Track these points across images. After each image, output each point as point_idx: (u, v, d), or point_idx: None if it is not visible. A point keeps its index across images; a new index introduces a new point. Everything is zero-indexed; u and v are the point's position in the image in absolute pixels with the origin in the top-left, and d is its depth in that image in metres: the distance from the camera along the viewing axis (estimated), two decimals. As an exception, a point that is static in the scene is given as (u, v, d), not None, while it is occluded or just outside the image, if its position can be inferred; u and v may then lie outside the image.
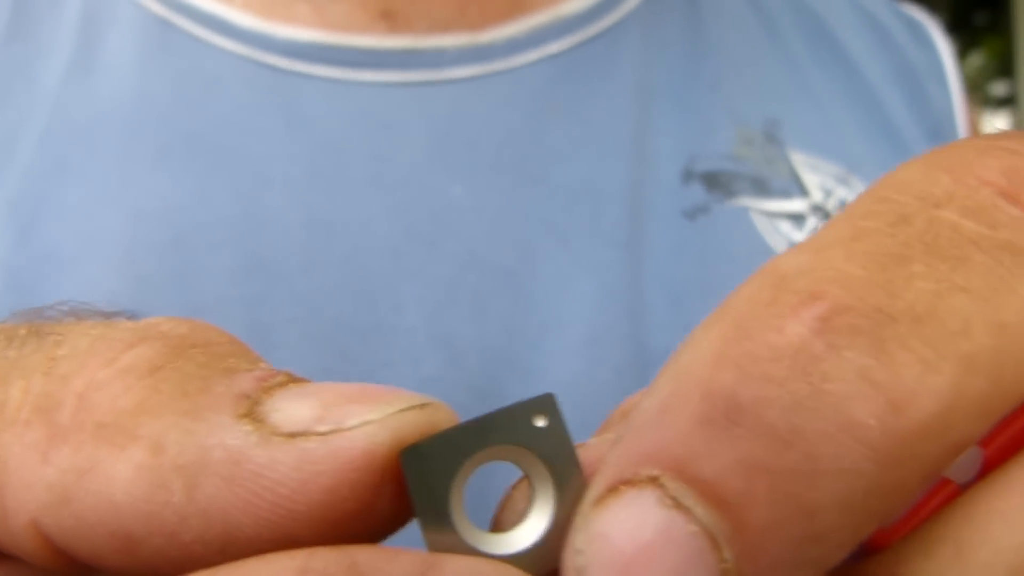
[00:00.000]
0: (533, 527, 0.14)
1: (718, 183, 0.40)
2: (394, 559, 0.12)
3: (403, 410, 0.13)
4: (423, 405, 0.13)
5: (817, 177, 0.42)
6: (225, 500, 0.13)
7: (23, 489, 0.13)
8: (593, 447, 0.14)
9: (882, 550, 0.13)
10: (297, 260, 0.35)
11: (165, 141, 0.37)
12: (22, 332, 0.16)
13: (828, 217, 0.40)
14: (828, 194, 0.42)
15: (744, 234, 0.39)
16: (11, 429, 0.14)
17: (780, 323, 0.12)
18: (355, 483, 0.13)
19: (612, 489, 0.12)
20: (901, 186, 0.14)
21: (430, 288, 0.35)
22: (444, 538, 0.13)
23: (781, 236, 0.40)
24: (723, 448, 0.11)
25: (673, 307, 0.37)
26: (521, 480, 0.14)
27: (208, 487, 0.13)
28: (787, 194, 0.41)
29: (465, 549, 0.13)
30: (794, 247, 0.13)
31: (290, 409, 0.13)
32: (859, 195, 0.14)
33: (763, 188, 0.41)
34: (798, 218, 0.40)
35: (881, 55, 0.48)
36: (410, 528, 0.13)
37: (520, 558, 0.13)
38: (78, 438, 0.13)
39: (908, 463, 0.11)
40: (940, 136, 0.47)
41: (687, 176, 0.40)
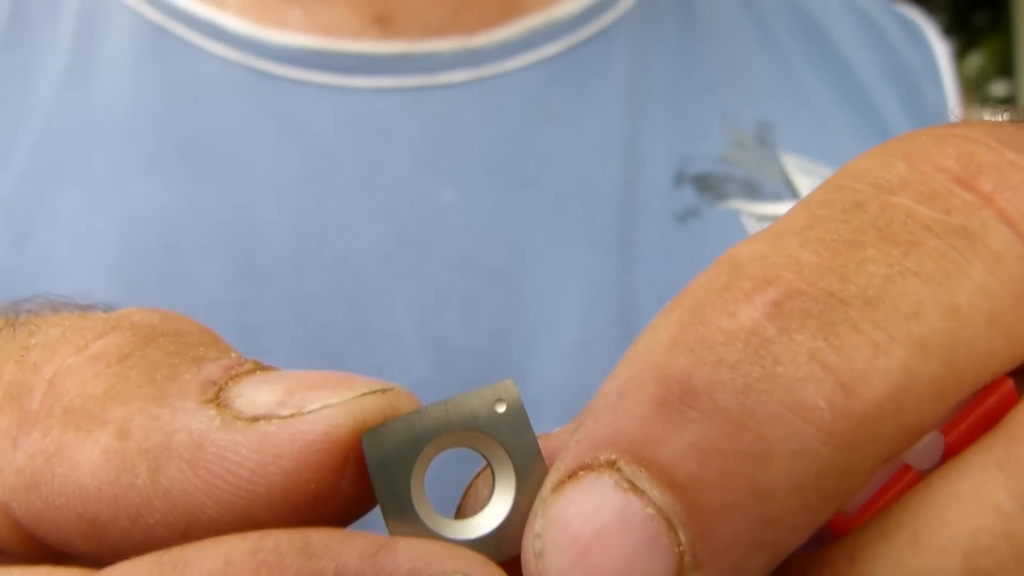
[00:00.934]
0: (494, 513, 0.14)
1: (709, 186, 0.40)
2: (347, 539, 0.12)
3: (364, 394, 0.13)
4: (384, 390, 0.14)
5: (809, 180, 0.42)
6: (188, 482, 0.13)
7: None
8: (556, 436, 0.14)
9: (843, 536, 0.13)
10: (288, 265, 0.35)
11: (159, 147, 0.38)
12: None
13: None
14: None
15: (735, 237, 0.39)
16: None
17: (734, 308, 0.12)
18: (316, 465, 0.13)
19: (571, 474, 0.12)
20: (857, 174, 0.14)
21: (421, 292, 0.36)
22: (405, 523, 0.13)
23: None
24: (678, 431, 0.12)
25: None
26: (484, 468, 0.14)
27: (172, 470, 0.13)
28: (778, 197, 0.41)
29: (426, 534, 0.13)
30: (751, 236, 0.14)
31: (254, 395, 0.13)
32: (816, 188, 0.14)
33: (754, 191, 0.41)
34: None
35: (875, 55, 0.48)
36: (377, 521, 0.14)
37: (481, 543, 0.13)
38: (47, 423, 0.14)
39: (861, 445, 0.12)
40: None
41: (679, 179, 0.40)
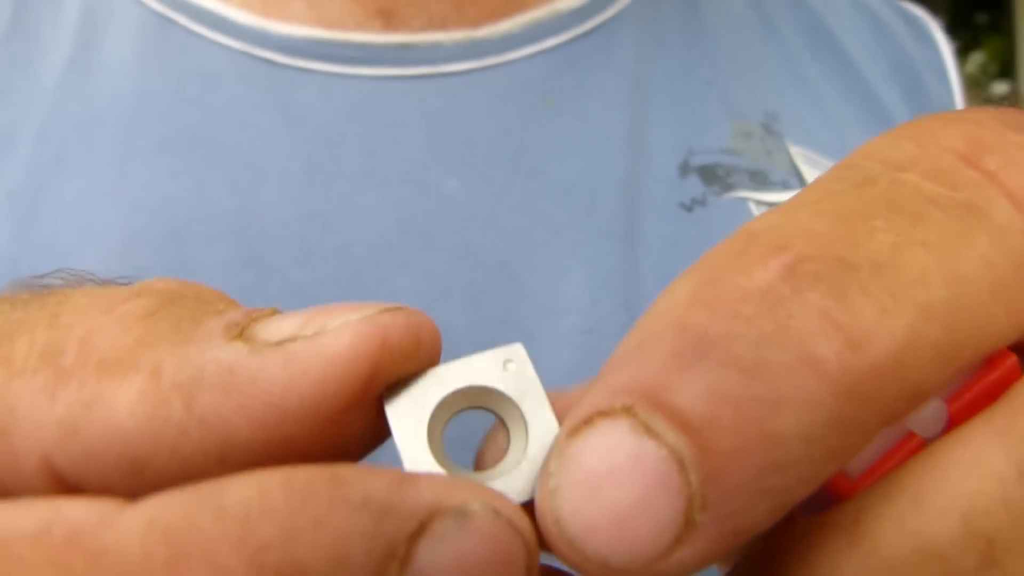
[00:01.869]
0: (509, 464, 0.14)
1: (715, 176, 0.40)
2: (373, 471, 0.12)
3: (383, 311, 0.14)
4: (400, 308, 0.14)
5: (814, 170, 0.42)
6: (222, 407, 0.14)
7: (34, 429, 0.14)
8: (568, 394, 0.15)
9: (848, 499, 0.13)
10: (292, 252, 0.35)
11: (163, 136, 0.38)
12: (25, 296, 0.17)
13: None
14: None
15: (743, 223, 0.39)
16: (19, 378, 0.15)
17: (750, 269, 0.13)
18: (342, 377, 0.14)
19: (588, 420, 0.12)
20: (868, 153, 0.15)
21: (424, 280, 0.36)
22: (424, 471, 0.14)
23: None
24: (693, 378, 0.12)
25: None
26: (497, 424, 0.15)
27: (205, 398, 0.14)
28: (786, 185, 0.41)
29: None
30: (766, 211, 0.14)
31: (276, 324, 0.14)
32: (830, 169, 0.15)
33: (762, 180, 0.41)
34: None
35: (879, 50, 0.49)
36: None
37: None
38: (82, 375, 0.14)
39: (866, 401, 0.12)
40: None
41: (684, 169, 0.40)
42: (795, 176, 0.42)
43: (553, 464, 0.12)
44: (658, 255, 0.38)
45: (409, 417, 0.14)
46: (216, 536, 0.11)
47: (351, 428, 0.14)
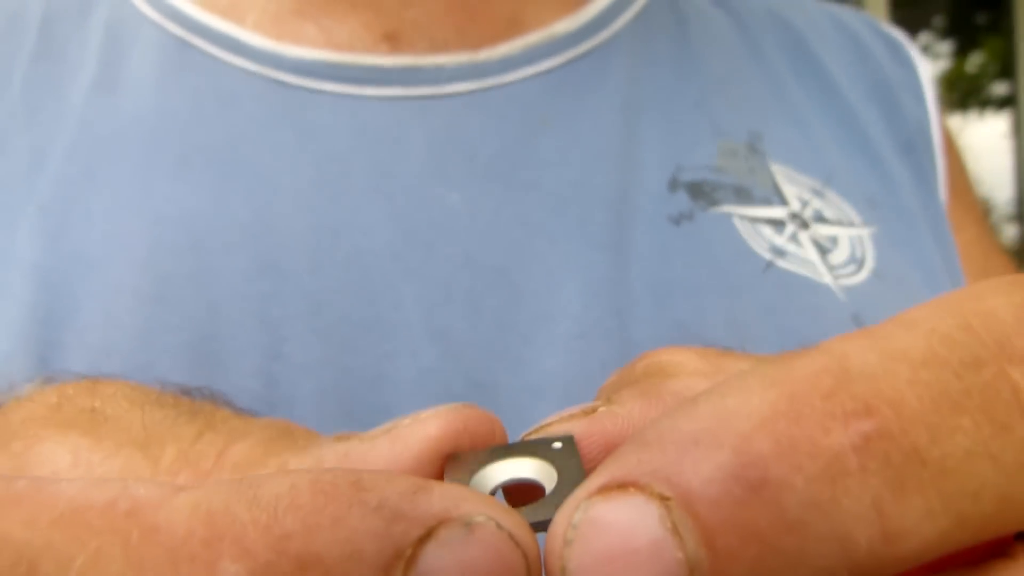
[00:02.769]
0: (537, 507, 0.16)
1: (702, 192, 0.42)
2: (393, 478, 0.14)
3: (451, 408, 0.17)
4: (461, 406, 0.17)
5: (795, 189, 0.44)
6: None
7: None
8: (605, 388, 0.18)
9: None
10: (305, 261, 0.37)
11: (184, 152, 0.40)
12: (170, 401, 0.22)
13: (805, 226, 0.42)
14: (804, 204, 0.43)
15: (727, 237, 0.41)
16: (163, 475, 0.19)
17: (829, 424, 0.13)
18: (422, 455, 0.17)
19: (621, 484, 0.13)
20: (988, 321, 0.14)
21: (427, 287, 0.37)
22: None
23: (762, 239, 0.41)
24: (735, 505, 0.12)
25: (657, 305, 0.38)
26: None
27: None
28: (768, 202, 0.43)
29: None
30: (865, 336, 0.14)
31: (369, 431, 0.18)
32: (944, 304, 0.14)
33: (745, 196, 0.42)
34: (778, 223, 0.42)
35: (859, 72, 0.50)
36: None
37: None
38: (218, 475, 0.19)
39: (874, 574, 0.13)
40: (913, 149, 0.49)
41: (673, 185, 0.42)
42: (776, 194, 0.43)
43: (578, 516, 0.13)
44: (647, 265, 0.39)
45: (464, 480, 0.17)
46: (246, 521, 0.13)
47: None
